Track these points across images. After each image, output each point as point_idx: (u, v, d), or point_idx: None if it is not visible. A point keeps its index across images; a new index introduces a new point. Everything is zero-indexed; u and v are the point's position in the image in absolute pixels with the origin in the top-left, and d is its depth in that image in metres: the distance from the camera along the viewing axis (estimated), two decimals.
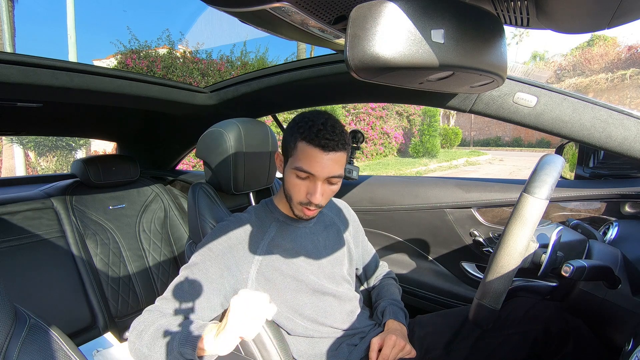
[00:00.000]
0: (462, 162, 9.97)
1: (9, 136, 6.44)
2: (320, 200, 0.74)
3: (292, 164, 0.75)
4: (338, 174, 0.74)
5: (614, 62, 14.09)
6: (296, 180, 0.75)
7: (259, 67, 7.21)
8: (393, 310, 0.90)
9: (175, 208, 1.77)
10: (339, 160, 0.73)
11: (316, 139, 0.70)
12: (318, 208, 0.77)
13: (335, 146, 0.71)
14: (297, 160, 0.73)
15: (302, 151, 0.72)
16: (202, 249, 0.77)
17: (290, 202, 0.79)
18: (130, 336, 0.70)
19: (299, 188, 0.75)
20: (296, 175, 0.74)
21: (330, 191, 0.77)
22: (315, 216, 0.83)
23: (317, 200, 0.73)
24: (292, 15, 0.52)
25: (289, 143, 0.76)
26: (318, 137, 0.70)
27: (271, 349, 0.77)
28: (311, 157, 0.71)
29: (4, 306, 0.50)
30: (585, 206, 1.15)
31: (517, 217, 0.60)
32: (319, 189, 0.73)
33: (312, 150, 0.71)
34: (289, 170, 0.76)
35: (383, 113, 10.44)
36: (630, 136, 0.74)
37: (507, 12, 0.50)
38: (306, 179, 0.74)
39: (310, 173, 0.72)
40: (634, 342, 0.54)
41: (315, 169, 0.71)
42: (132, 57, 6.62)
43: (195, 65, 6.99)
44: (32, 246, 1.28)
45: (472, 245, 1.20)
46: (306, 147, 0.72)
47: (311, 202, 0.75)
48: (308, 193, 0.74)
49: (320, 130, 0.71)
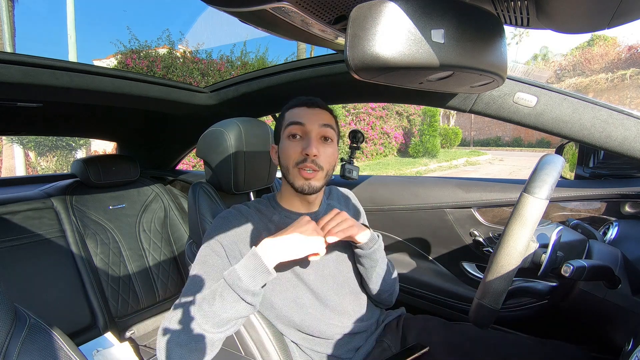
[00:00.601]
0: (462, 162, 9.97)
1: (9, 136, 6.44)
2: (315, 152, 0.74)
3: (283, 132, 0.79)
4: (329, 123, 0.78)
5: (614, 62, 14.10)
6: (290, 142, 0.77)
7: (259, 67, 7.20)
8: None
9: (175, 208, 1.77)
10: (326, 118, 0.79)
11: (299, 102, 0.80)
12: (317, 169, 0.75)
13: (319, 104, 0.80)
14: (286, 123, 0.78)
15: (290, 114, 0.79)
16: (205, 245, 0.76)
17: (289, 176, 0.78)
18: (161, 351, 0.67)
19: (293, 148, 0.76)
20: (289, 136, 0.77)
21: (328, 153, 0.77)
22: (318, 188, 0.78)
23: (313, 151, 0.74)
24: (292, 15, 0.52)
25: (278, 124, 0.81)
26: (301, 100, 0.80)
27: (270, 349, 0.77)
28: (299, 112, 0.78)
29: (4, 306, 0.50)
30: (585, 206, 1.15)
31: (517, 217, 0.60)
32: (313, 141, 0.75)
33: (298, 109, 0.79)
34: (282, 140, 0.79)
35: (383, 113, 10.44)
36: (630, 136, 0.74)
37: (507, 12, 0.50)
38: (299, 140, 0.77)
39: (300, 122, 0.76)
40: (634, 342, 0.54)
41: (303, 118, 0.76)
42: (132, 57, 6.62)
43: (195, 65, 6.99)
44: (33, 246, 1.28)
45: (472, 245, 1.20)
46: (293, 110, 0.79)
47: (307, 156, 0.74)
48: (303, 149, 0.75)
49: (301, 98, 0.81)
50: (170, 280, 1.63)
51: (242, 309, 0.66)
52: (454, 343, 0.84)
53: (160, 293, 1.58)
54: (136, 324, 1.49)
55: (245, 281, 0.65)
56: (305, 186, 0.77)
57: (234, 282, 0.65)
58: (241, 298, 0.65)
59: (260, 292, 0.68)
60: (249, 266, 0.66)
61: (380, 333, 0.90)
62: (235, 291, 0.65)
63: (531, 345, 0.80)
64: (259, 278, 0.66)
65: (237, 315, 0.66)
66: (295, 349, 0.81)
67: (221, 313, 0.65)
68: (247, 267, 0.66)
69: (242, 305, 0.66)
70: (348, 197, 1.01)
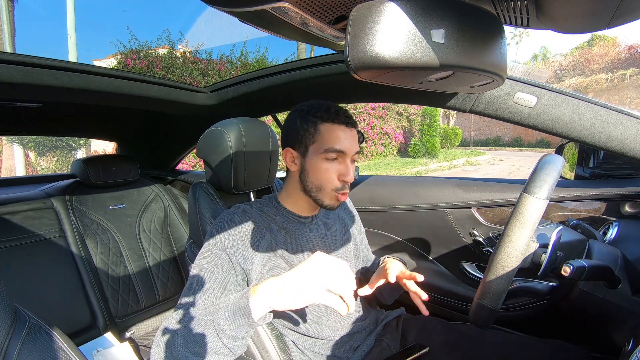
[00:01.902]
0: (462, 162, 9.97)
1: (9, 136, 6.44)
2: (353, 179, 0.76)
3: (318, 149, 0.74)
4: (359, 150, 0.78)
5: (614, 62, 14.10)
6: (327, 164, 0.75)
7: (259, 67, 7.21)
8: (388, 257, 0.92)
9: (175, 208, 1.77)
10: (357, 137, 0.78)
11: (338, 118, 0.74)
12: (349, 190, 0.78)
13: (354, 123, 0.77)
14: (324, 142, 0.74)
15: (329, 132, 0.74)
16: (207, 247, 0.75)
17: (320, 194, 0.77)
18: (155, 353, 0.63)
19: (330, 173, 0.75)
20: (326, 158, 0.74)
21: (353, 170, 0.78)
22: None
23: (351, 179, 0.75)
24: (292, 15, 0.52)
25: (305, 132, 0.75)
26: (339, 116, 0.74)
27: (271, 349, 0.77)
28: (340, 135, 0.74)
29: (4, 306, 0.50)
30: (585, 206, 1.15)
31: (517, 217, 0.60)
32: (350, 166, 0.75)
33: (339, 127, 0.74)
34: (315, 157, 0.75)
35: (383, 113, 10.44)
36: (630, 136, 0.74)
37: (507, 12, 0.50)
38: (335, 161, 0.75)
39: (342, 151, 0.73)
40: (633, 342, 0.54)
41: (345, 145, 0.74)
42: (132, 57, 6.63)
43: (195, 65, 6.99)
44: (32, 246, 1.28)
45: (472, 245, 1.20)
46: (332, 127, 0.74)
47: (345, 183, 0.75)
48: (340, 174, 0.75)
49: (339, 111, 0.75)
50: (170, 280, 1.63)
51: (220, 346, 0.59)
52: (454, 343, 0.84)
53: (160, 293, 1.58)
54: (136, 324, 1.49)
55: (223, 323, 0.58)
56: (335, 206, 0.78)
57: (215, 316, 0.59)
58: (218, 336, 0.58)
59: (242, 338, 0.59)
60: (235, 306, 0.58)
61: (379, 332, 0.90)
62: (215, 327, 0.58)
63: (531, 345, 0.80)
64: (239, 322, 0.57)
65: (214, 350, 0.59)
66: (295, 349, 0.81)
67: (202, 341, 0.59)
68: (233, 306, 0.59)
69: (218, 343, 0.58)
70: (345, 201, 1.02)
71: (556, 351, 0.77)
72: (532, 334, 0.86)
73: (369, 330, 0.89)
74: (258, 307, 0.57)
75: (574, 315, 0.86)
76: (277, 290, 0.57)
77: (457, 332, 0.87)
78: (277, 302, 0.57)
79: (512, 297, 0.74)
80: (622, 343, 0.59)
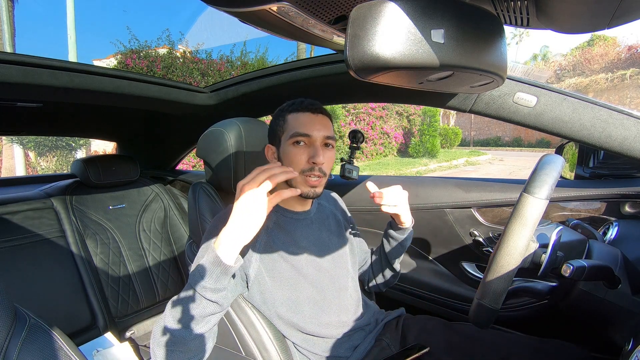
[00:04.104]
0: (462, 162, 9.97)
1: (9, 136, 6.44)
2: (323, 160, 0.76)
3: (287, 137, 0.78)
4: (332, 134, 0.80)
5: (614, 62, 14.10)
6: (295, 149, 0.77)
7: (259, 67, 7.20)
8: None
9: (175, 208, 1.77)
10: (327, 124, 0.80)
11: (302, 106, 0.79)
12: (322, 175, 0.78)
13: (321, 110, 0.80)
14: (290, 129, 0.77)
15: (294, 120, 0.78)
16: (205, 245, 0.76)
17: (294, 180, 0.78)
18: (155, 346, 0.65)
19: (299, 156, 0.76)
20: (294, 143, 0.77)
21: (329, 157, 0.79)
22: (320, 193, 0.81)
23: (320, 160, 0.75)
24: (292, 15, 0.52)
25: (277, 126, 0.81)
26: (303, 104, 0.79)
27: (271, 348, 0.77)
28: (304, 120, 0.77)
29: (4, 306, 0.50)
30: (585, 206, 1.15)
31: (517, 217, 0.60)
32: (319, 150, 0.76)
33: (303, 115, 0.78)
34: (285, 144, 0.78)
35: (383, 113, 10.44)
36: (630, 136, 0.74)
37: (507, 12, 0.50)
38: (304, 146, 0.77)
39: (307, 134, 0.76)
40: (633, 342, 0.54)
41: (310, 129, 0.76)
42: (132, 57, 6.61)
43: (195, 65, 6.98)
44: (32, 246, 1.28)
45: (472, 245, 1.20)
46: (296, 115, 0.78)
47: (315, 164, 0.76)
48: (310, 157, 0.76)
49: (303, 101, 0.80)
50: (170, 280, 1.63)
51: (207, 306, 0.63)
52: (454, 343, 0.84)
53: (160, 293, 1.58)
54: (136, 324, 1.49)
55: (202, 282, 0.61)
56: (310, 192, 0.79)
57: (193, 280, 0.63)
58: (201, 295, 0.62)
59: (224, 289, 0.64)
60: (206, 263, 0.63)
61: (379, 332, 0.90)
62: (195, 289, 0.62)
63: (531, 345, 0.80)
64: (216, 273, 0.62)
65: (202, 314, 0.63)
66: (295, 351, 0.81)
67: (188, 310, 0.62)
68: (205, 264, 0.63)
69: (205, 303, 0.62)
70: (336, 199, 1.04)
71: (556, 351, 0.77)
72: (532, 334, 0.86)
73: (368, 330, 0.89)
74: (225, 252, 0.62)
75: (574, 315, 0.86)
76: (232, 229, 0.62)
77: (457, 332, 0.87)
78: (238, 237, 0.62)
79: (512, 297, 0.74)
80: (622, 343, 0.59)
